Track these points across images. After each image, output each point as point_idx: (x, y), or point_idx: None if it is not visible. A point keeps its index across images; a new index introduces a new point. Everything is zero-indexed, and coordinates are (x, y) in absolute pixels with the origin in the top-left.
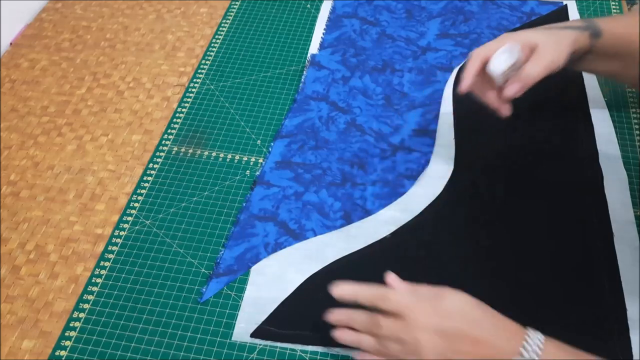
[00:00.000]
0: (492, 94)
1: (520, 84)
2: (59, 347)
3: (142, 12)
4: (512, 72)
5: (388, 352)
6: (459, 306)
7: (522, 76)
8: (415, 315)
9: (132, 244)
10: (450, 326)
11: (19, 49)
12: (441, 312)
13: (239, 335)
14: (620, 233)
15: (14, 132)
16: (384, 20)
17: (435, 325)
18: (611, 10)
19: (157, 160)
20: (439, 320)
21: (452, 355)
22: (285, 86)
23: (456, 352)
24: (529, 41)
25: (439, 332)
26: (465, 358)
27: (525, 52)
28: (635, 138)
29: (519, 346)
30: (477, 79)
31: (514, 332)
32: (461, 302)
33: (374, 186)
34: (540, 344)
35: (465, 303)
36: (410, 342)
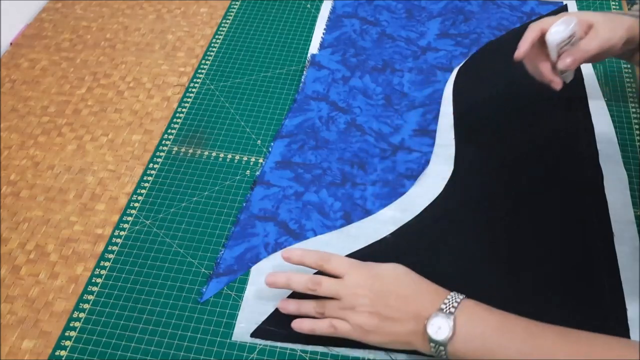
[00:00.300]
0: (546, 66)
1: (573, 57)
2: (59, 347)
3: (142, 12)
4: (567, 46)
5: (325, 310)
6: (390, 270)
7: (576, 50)
8: (353, 276)
9: (132, 244)
10: (380, 285)
11: (19, 49)
12: (374, 275)
13: (239, 335)
14: (620, 233)
15: (14, 132)
16: (384, 20)
17: (369, 284)
18: (611, 9)
19: (157, 160)
20: (372, 281)
21: (383, 310)
22: (285, 86)
23: (386, 307)
24: (587, 19)
25: (372, 290)
26: (393, 313)
27: (582, 28)
28: (635, 138)
29: (440, 303)
30: (532, 49)
31: (438, 292)
32: (392, 268)
33: (374, 186)
34: (458, 300)
35: (395, 268)
36: (347, 297)
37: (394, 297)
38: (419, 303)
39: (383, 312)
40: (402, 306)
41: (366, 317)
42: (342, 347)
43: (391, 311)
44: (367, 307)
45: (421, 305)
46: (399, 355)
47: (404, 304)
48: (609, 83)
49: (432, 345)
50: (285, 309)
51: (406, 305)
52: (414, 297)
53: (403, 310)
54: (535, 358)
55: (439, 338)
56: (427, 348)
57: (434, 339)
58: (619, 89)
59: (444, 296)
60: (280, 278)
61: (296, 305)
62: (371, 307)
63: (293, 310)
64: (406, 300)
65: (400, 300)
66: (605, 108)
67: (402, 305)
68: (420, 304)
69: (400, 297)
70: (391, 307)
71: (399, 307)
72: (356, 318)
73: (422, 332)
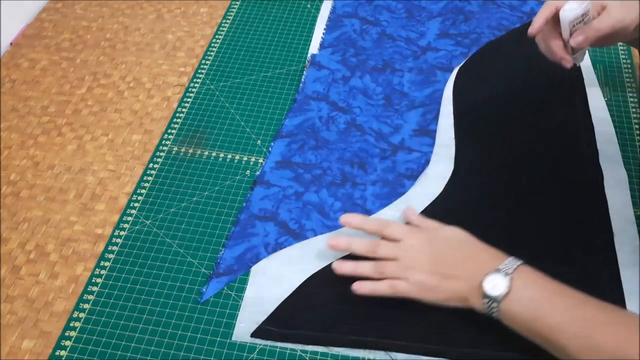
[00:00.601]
0: (557, 44)
1: (585, 35)
2: (59, 347)
3: (142, 12)
4: (580, 24)
5: (384, 270)
6: (449, 233)
7: (589, 28)
8: (411, 239)
9: (132, 244)
10: (439, 246)
11: (19, 49)
12: (433, 237)
13: (239, 335)
14: (620, 233)
15: (14, 132)
16: (384, 20)
17: (428, 245)
18: None
19: (157, 160)
20: (431, 243)
21: (442, 269)
22: (285, 86)
23: (445, 266)
24: (600, 1)
25: (431, 250)
26: (452, 271)
27: (595, 9)
28: (635, 138)
29: (499, 264)
30: (546, 26)
31: (497, 255)
32: (451, 230)
33: (374, 186)
34: (517, 263)
35: (454, 231)
36: (406, 258)
37: (453, 257)
38: (478, 263)
39: (442, 271)
40: (461, 265)
41: (425, 275)
42: (342, 347)
43: (450, 270)
44: (427, 266)
45: (480, 264)
46: (399, 355)
47: (462, 264)
48: (609, 83)
49: (486, 301)
50: (341, 269)
51: (465, 264)
52: (473, 257)
53: (462, 269)
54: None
55: (494, 294)
56: (480, 305)
57: (488, 295)
58: (619, 88)
59: (503, 259)
60: (342, 241)
61: (353, 266)
62: (430, 266)
63: (349, 271)
64: (465, 260)
65: (459, 260)
66: (605, 108)
67: (460, 265)
68: (479, 264)
69: (459, 257)
70: (450, 266)
71: (458, 266)
72: (416, 277)
73: (478, 288)
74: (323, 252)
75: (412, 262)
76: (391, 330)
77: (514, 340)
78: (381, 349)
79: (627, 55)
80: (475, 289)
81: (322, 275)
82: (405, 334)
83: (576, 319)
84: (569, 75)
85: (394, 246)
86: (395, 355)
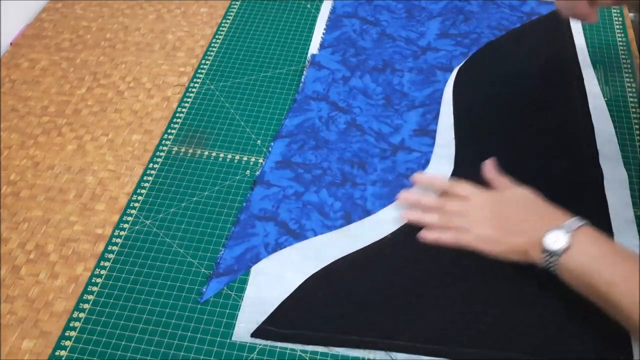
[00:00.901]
0: (583, 3)
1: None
2: (59, 347)
3: (142, 12)
4: None
5: (452, 223)
6: (516, 192)
7: None
8: (478, 197)
9: (132, 244)
10: (504, 203)
11: (19, 49)
12: (499, 195)
13: (239, 335)
14: (620, 233)
15: (14, 132)
16: (384, 20)
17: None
18: (611, 10)
19: (157, 160)
20: (496, 200)
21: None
22: (285, 86)
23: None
24: None
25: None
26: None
27: None
28: (635, 138)
29: (563, 222)
30: None
31: (562, 213)
32: (519, 190)
33: (374, 186)
34: (580, 223)
35: (522, 191)
36: (472, 212)
37: (517, 214)
38: (543, 220)
39: (505, 225)
40: (525, 222)
41: (489, 229)
42: (342, 347)
43: (514, 225)
44: (491, 221)
45: (544, 221)
46: (399, 355)
47: (527, 220)
48: (609, 83)
49: (545, 255)
50: (408, 216)
51: (529, 221)
52: (538, 215)
53: (526, 225)
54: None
55: (554, 248)
56: (540, 258)
57: (548, 249)
58: (619, 89)
59: (567, 218)
60: (412, 195)
61: (419, 215)
62: (495, 222)
63: (416, 219)
64: (530, 217)
65: (524, 217)
66: (605, 108)
67: (525, 221)
68: (543, 221)
69: (524, 214)
70: (515, 222)
71: (522, 223)
72: (479, 230)
73: (539, 242)
74: (323, 252)
75: (477, 217)
76: (391, 330)
77: (515, 341)
78: (381, 349)
79: (627, 55)
80: (537, 243)
81: (322, 275)
82: (405, 333)
83: (631, 277)
84: (569, 75)
85: (462, 201)
86: (395, 355)
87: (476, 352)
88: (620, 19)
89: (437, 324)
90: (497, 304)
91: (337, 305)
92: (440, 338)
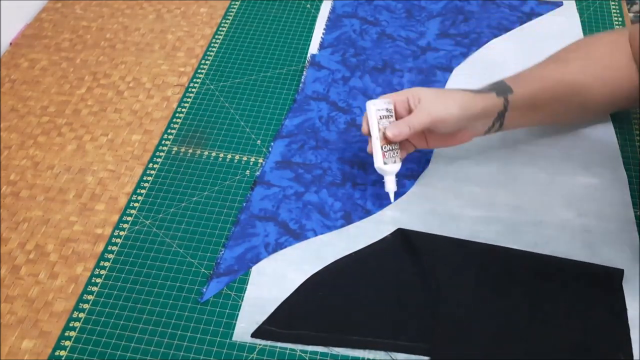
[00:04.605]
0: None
1: (398, 129)
2: (59, 347)
3: (142, 12)
4: (388, 119)
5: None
6: None
7: (401, 121)
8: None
9: (132, 244)
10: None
11: (19, 49)
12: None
13: (239, 335)
14: (621, 233)
15: (14, 132)
16: (384, 20)
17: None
18: (611, 10)
19: (157, 160)
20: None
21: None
22: (285, 86)
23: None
24: (417, 94)
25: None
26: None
27: (413, 100)
28: (635, 138)
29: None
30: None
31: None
32: None
33: (374, 186)
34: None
35: None
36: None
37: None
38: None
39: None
40: None
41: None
42: (342, 347)
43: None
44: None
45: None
46: (399, 355)
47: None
48: None
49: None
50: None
51: None
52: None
53: None
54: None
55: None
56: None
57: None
58: None
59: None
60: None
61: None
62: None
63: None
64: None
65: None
66: None
67: None
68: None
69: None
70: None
71: None
72: None
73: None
74: (323, 252)
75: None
76: (391, 330)
77: (515, 341)
78: (381, 349)
79: None
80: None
81: (322, 275)
82: (405, 334)
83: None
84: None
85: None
86: (395, 355)
87: (476, 352)
88: (620, 19)
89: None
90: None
91: (337, 305)
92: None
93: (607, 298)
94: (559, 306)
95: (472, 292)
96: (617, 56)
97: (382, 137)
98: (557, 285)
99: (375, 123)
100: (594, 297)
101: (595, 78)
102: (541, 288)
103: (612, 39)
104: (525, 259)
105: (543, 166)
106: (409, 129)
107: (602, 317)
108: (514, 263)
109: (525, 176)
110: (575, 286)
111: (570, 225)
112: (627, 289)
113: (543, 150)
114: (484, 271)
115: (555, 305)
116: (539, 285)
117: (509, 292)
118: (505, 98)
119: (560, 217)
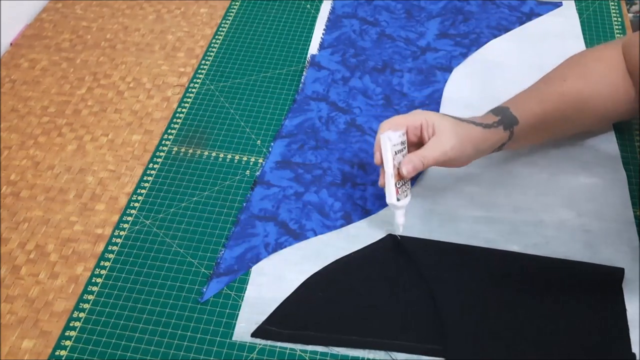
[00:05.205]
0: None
1: (413, 165)
2: (59, 347)
3: (142, 12)
4: (402, 152)
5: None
6: None
7: (414, 155)
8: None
9: (132, 244)
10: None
11: (19, 49)
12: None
13: (239, 335)
14: (621, 233)
15: (14, 132)
16: (384, 21)
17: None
18: (610, 10)
19: (157, 160)
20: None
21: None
22: (285, 86)
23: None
24: (432, 120)
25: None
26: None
27: (427, 131)
28: (635, 138)
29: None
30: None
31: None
32: None
33: (374, 186)
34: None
35: None
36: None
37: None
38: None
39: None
40: None
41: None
42: (342, 347)
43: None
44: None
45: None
46: (399, 355)
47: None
48: None
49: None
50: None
51: None
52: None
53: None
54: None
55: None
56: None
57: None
58: None
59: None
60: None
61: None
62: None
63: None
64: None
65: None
66: None
67: None
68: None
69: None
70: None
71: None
72: None
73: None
74: (323, 252)
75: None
76: (391, 330)
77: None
78: (381, 349)
79: None
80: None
81: (322, 275)
82: (405, 334)
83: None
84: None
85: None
86: (395, 355)
87: (476, 352)
88: (619, 20)
89: (437, 324)
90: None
91: (337, 305)
92: (439, 338)
93: (608, 298)
94: (558, 306)
95: (473, 293)
96: (613, 71)
97: (397, 174)
98: (556, 286)
99: (390, 159)
100: (594, 297)
101: (592, 95)
102: (540, 288)
103: (604, 54)
104: (525, 260)
105: (543, 166)
106: (422, 165)
107: (602, 317)
108: (514, 265)
109: (525, 176)
110: (575, 286)
111: (570, 225)
112: (627, 289)
113: (543, 150)
114: (484, 272)
115: (555, 306)
116: (539, 285)
117: (509, 293)
118: (511, 131)
119: (560, 217)
